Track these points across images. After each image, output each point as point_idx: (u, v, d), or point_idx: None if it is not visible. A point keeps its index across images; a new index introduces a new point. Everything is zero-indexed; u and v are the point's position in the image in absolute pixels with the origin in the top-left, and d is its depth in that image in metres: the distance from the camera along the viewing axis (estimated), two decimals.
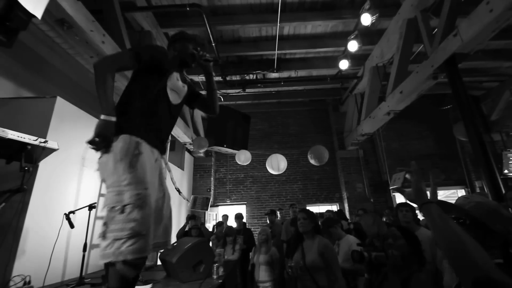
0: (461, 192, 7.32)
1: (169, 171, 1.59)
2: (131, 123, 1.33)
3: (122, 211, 1.16)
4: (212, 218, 6.98)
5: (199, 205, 5.98)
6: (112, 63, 1.36)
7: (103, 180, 1.27)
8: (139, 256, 1.14)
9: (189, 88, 1.72)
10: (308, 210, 2.52)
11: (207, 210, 6.04)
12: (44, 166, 2.37)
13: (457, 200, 1.09)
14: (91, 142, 1.21)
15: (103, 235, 1.15)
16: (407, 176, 1.07)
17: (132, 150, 1.26)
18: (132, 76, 1.51)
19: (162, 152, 1.51)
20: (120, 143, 1.26)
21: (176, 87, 1.56)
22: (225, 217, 5.53)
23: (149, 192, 1.24)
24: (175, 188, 1.78)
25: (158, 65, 1.47)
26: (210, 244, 4.35)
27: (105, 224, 1.17)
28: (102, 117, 1.23)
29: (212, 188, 7.37)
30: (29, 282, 2.09)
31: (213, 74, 1.77)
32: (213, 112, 1.82)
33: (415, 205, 0.99)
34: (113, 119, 1.25)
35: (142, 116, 1.37)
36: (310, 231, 2.35)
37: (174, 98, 1.55)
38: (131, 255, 1.12)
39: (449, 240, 0.78)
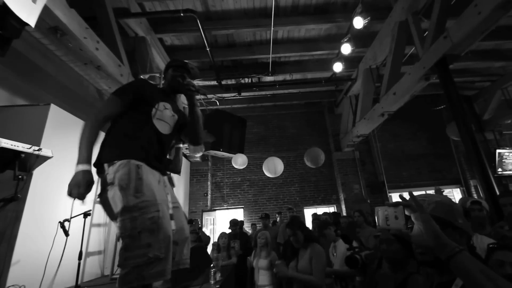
0: (456, 191, 7.39)
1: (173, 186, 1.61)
2: (126, 147, 1.32)
3: (138, 237, 1.16)
4: (209, 222, 6.95)
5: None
6: (102, 118, 1.37)
7: (114, 216, 1.23)
8: (160, 280, 1.15)
9: (180, 118, 1.65)
10: (294, 221, 2.48)
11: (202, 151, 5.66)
12: (38, 174, 2.35)
13: None
14: (72, 196, 1.21)
15: (122, 264, 1.14)
16: (407, 213, 0.81)
17: (134, 175, 1.24)
18: (119, 115, 1.48)
19: (163, 173, 1.49)
20: (120, 171, 1.24)
21: (162, 116, 1.50)
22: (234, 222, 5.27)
23: (161, 213, 1.23)
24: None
25: (141, 99, 1.47)
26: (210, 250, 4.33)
27: (122, 252, 1.16)
28: (80, 167, 1.23)
29: (209, 192, 7.35)
30: None
31: (197, 104, 1.69)
32: (196, 144, 1.77)
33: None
34: (88, 168, 1.24)
35: (136, 142, 1.36)
36: (303, 243, 2.35)
37: (163, 128, 1.49)
38: (152, 280, 1.13)
39: None
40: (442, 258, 0.71)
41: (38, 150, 1.86)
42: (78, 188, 1.20)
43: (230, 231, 4.80)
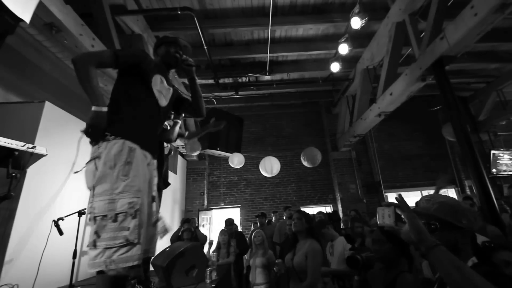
0: (452, 192, 7.45)
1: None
2: (123, 127, 1.31)
3: (115, 220, 1.15)
4: (206, 221, 6.93)
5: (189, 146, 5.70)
6: (91, 58, 1.34)
7: (90, 188, 1.23)
8: (130, 264, 1.13)
9: (174, 92, 1.71)
10: (305, 212, 2.52)
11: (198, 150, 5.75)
12: (32, 172, 2.32)
13: (420, 202, 1.06)
14: (85, 132, 1.21)
15: (94, 244, 1.13)
16: (398, 211, 0.93)
17: (125, 157, 1.24)
18: (116, 81, 1.49)
19: (154, 154, 1.50)
20: (113, 150, 1.23)
21: (160, 88, 1.54)
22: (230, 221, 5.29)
23: (141, 200, 1.24)
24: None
25: (138, 67, 1.45)
26: (212, 249, 4.29)
27: (95, 233, 1.14)
28: (93, 108, 1.22)
29: (206, 191, 7.33)
30: None
31: (196, 78, 1.75)
32: (200, 116, 1.82)
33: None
34: (104, 109, 1.24)
35: (133, 119, 1.35)
36: (303, 231, 2.35)
37: (161, 99, 1.54)
38: (123, 264, 1.11)
39: (466, 285, 0.72)
40: (423, 251, 0.82)
41: (32, 148, 1.83)
42: (94, 128, 1.21)
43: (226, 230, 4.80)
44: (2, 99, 3.02)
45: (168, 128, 2.17)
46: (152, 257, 2.54)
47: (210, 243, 4.24)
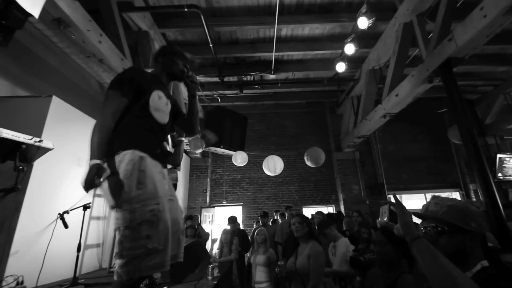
0: (456, 195, 7.38)
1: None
2: (129, 141, 1.31)
3: (137, 229, 1.15)
4: (208, 219, 6.96)
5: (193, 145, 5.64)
6: (110, 117, 1.32)
7: (114, 206, 1.22)
8: (158, 271, 1.16)
9: (173, 104, 1.65)
10: (303, 215, 2.54)
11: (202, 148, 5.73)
12: (39, 165, 2.35)
13: (428, 206, 1.06)
14: (88, 187, 1.17)
15: (120, 254, 1.14)
16: (392, 208, 1.03)
17: (138, 166, 1.24)
18: None
19: (164, 164, 1.49)
20: (124, 161, 1.24)
21: (159, 106, 1.48)
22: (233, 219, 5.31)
23: (162, 206, 1.23)
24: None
25: (138, 89, 1.42)
26: (216, 247, 4.31)
27: (121, 243, 1.15)
28: (93, 162, 1.19)
29: (209, 189, 7.36)
30: (22, 282, 2.07)
31: (197, 96, 1.73)
32: (192, 134, 1.80)
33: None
34: (99, 161, 1.21)
35: (136, 132, 1.35)
36: (304, 235, 2.36)
37: (161, 117, 1.49)
38: (150, 271, 1.13)
39: (440, 277, 0.78)
40: (408, 241, 0.91)
41: (39, 141, 1.85)
42: (94, 179, 1.17)
43: (229, 227, 4.82)
44: (10, 93, 3.06)
45: (170, 150, 2.11)
46: None
47: (213, 241, 4.26)
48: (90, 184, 1.16)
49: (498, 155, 6.78)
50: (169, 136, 2.22)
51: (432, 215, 1.01)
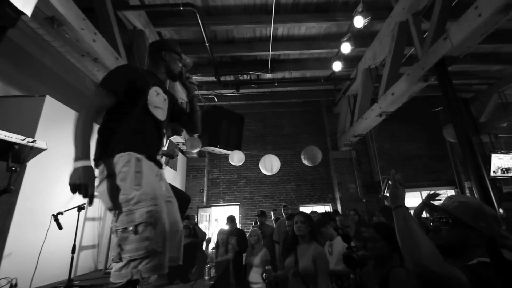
0: (451, 193, 7.45)
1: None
2: (125, 140, 1.29)
3: (135, 231, 1.14)
4: (205, 219, 6.94)
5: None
6: (91, 111, 1.26)
7: (111, 209, 1.20)
8: (157, 274, 1.14)
9: (170, 100, 1.63)
10: (306, 213, 2.50)
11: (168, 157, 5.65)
12: (32, 166, 2.32)
13: (444, 200, 1.11)
14: (75, 192, 1.12)
15: (119, 257, 1.12)
16: (390, 182, 1.13)
17: (134, 168, 1.23)
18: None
19: (159, 166, 1.47)
20: (120, 163, 1.22)
21: (157, 103, 1.46)
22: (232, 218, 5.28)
23: (159, 208, 1.21)
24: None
25: (131, 88, 1.37)
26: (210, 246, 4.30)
27: (118, 245, 1.14)
28: (79, 163, 1.13)
29: (205, 188, 7.34)
30: (16, 284, 2.04)
31: (196, 95, 1.73)
32: (195, 132, 1.78)
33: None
34: (89, 163, 1.16)
35: (133, 134, 1.33)
36: (306, 235, 2.33)
37: (159, 114, 1.47)
38: (149, 273, 1.11)
39: (405, 234, 0.92)
40: (392, 209, 1.04)
41: (32, 141, 1.82)
42: (84, 186, 1.12)
43: (227, 227, 4.80)
44: (3, 93, 3.01)
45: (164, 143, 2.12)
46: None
47: (208, 241, 4.23)
48: (82, 188, 1.12)
49: (493, 154, 6.85)
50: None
51: (443, 208, 1.07)
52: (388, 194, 1.11)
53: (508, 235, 1.87)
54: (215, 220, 6.40)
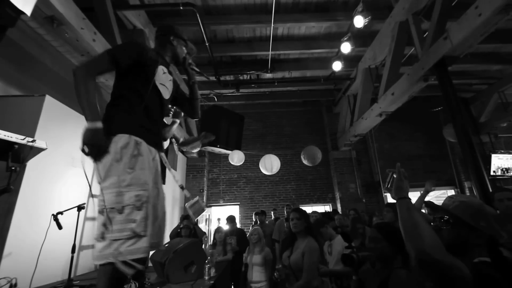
0: (451, 192, 7.45)
1: (170, 169, 1.57)
2: (128, 122, 1.32)
3: (121, 212, 1.16)
4: (205, 218, 6.94)
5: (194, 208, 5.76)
6: (91, 69, 1.30)
7: (100, 181, 1.23)
8: (138, 256, 1.15)
9: (174, 83, 1.70)
10: (301, 209, 2.52)
11: (197, 216, 5.81)
12: (32, 166, 2.32)
13: (444, 200, 1.11)
14: (84, 152, 1.18)
15: (101, 236, 1.14)
16: (394, 176, 1.15)
17: (131, 151, 1.25)
18: (117, 77, 1.46)
19: (160, 149, 1.50)
20: (119, 144, 1.24)
21: (163, 81, 1.53)
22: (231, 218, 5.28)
23: (148, 193, 1.25)
24: (179, 186, 1.81)
25: (138, 62, 1.42)
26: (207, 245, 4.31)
27: (103, 225, 1.15)
28: (88, 125, 1.18)
29: (205, 188, 7.34)
30: (16, 284, 2.04)
31: (196, 82, 1.80)
32: (195, 117, 1.87)
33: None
34: (100, 124, 1.20)
35: (137, 114, 1.36)
36: (302, 231, 2.36)
37: (165, 92, 1.54)
38: (131, 256, 1.12)
39: (409, 224, 0.93)
40: (395, 199, 1.06)
41: (32, 141, 1.82)
42: (95, 147, 1.17)
43: (227, 227, 4.80)
44: (3, 92, 3.01)
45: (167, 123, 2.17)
46: (151, 253, 2.55)
47: (204, 240, 4.22)
48: (93, 149, 1.17)
49: (492, 155, 6.85)
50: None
51: (443, 207, 1.08)
52: (392, 187, 1.14)
53: (503, 233, 1.86)
54: (217, 219, 6.40)
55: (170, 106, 1.80)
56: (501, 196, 2.43)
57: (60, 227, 2.24)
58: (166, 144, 2.25)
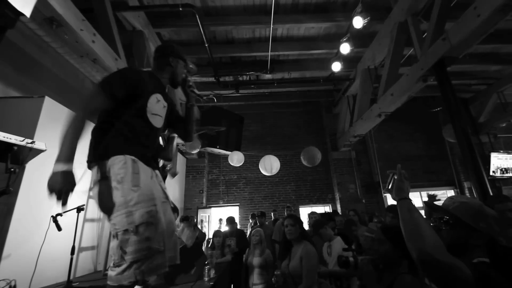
0: (451, 193, 7.46)
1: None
2: (120, 145, 1.28)
3: (136, 232, 1.13)
4: (205, 220, 6.93)
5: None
6: (87, 113, 1.26)
7: (105, 211, 1.19)
8: (159, 273, 1.14)
9: (169, 106, 1.62)
10: (295, 215, 2.55)
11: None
12: (31, 167, 2.31)
13: (444, 200, 1.12)
14: (51, 195, 1.10)
15: (120, 259, 1.12)
16: (395, 177, 1.15)
17: (131, 169, 1.22)
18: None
19: (155, 168, 1.47)
20: (116, 165, 1.21)
21: (156, 111, 1.45)
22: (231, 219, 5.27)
23: (158, 208, 1.22)
24: (170, 173, 1.78)
25: (132, 93, 1.35)
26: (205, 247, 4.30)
27: (120, 248, 1.13)
28: (59, 166, 1.11)
29: (205, 189, 7.33)
30: (15, 286, 2.04)
31: (195, 104, 1.74)
32: (187, 140, 1.80)
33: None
34: (70, 168, 1.14)
35: (129, 138, 1.32)
36: (297, 237, 2.37)
37: (157, 122, 1.46)
38: (153, 273, 1.12)
39: (410, 224, 0.93)
40: (396, 200, 1.07)
41: (31, 143, 1.82)
42: (60, 191, 1.10)
43: (226, 228, 4.80)
44: (2, 94, 3.01)
45: (163, 144, 2.07)
46: None
47: (208, 242, 4.22)
48: (60, 194, 1.10)
49: (492, 153, 6.86)
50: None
51: (443, 208, 1.09)
52: (392, 188, 1.14)
53: (501, 239, 1.85)
54: (219, 220, 6.39)
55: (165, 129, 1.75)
56: (502, 208, 2.35)
57: (59, 228, 2.24)
58: (170, 165, 2.21)
